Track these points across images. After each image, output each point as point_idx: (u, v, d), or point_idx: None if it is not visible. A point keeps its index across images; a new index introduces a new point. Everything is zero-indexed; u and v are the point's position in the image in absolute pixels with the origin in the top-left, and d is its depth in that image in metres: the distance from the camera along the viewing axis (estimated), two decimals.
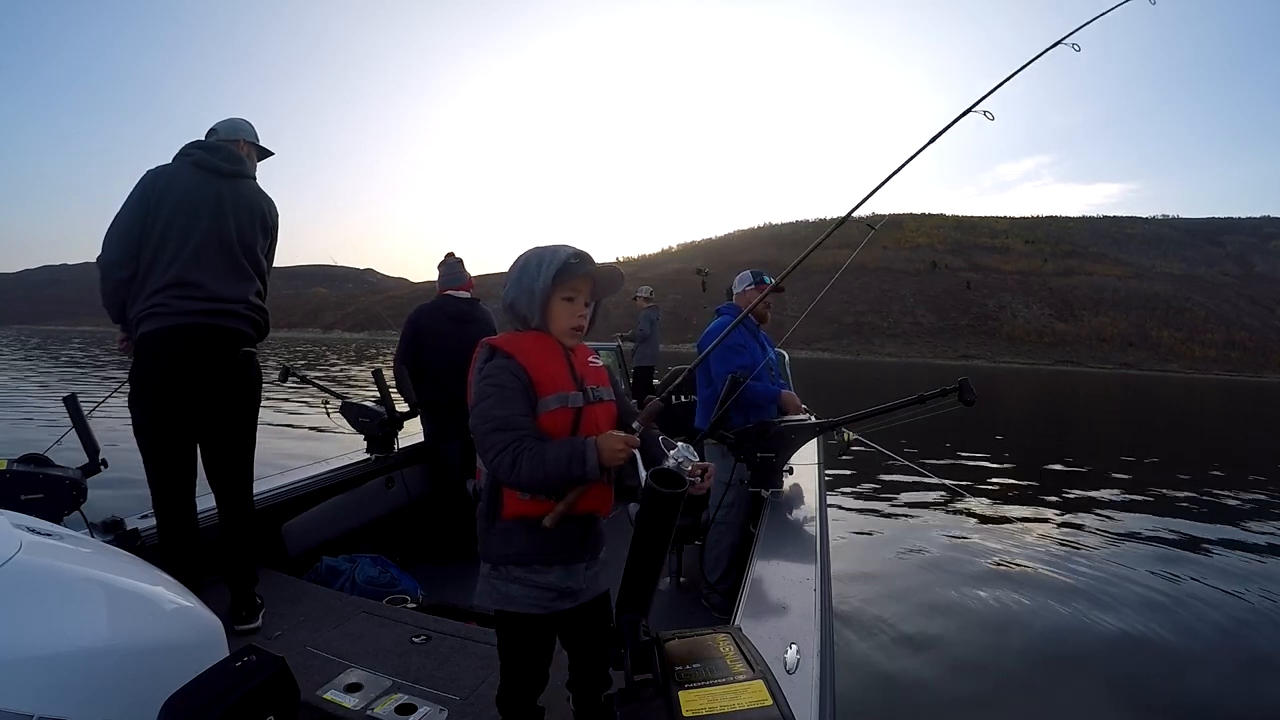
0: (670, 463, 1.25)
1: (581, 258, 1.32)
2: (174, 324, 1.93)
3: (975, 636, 3.45)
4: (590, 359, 1.43)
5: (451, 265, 3.42)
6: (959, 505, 6.55)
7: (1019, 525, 5.87)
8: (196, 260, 1.96)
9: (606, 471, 1.26)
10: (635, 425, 1.32)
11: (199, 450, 2.07)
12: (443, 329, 3.26)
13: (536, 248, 1.35)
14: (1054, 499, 7.00)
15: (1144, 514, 6.47)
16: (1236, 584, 4.44)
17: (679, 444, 1.30)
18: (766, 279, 3.06)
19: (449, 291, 3.36)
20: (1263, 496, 7.68)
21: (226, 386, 2.03)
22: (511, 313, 1.36)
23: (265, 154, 2.35)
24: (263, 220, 2.15)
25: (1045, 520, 6.10)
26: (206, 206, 2.00)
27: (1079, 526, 5.87)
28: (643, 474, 1.27)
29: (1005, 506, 6.55)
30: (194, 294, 1.95)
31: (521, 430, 1.23)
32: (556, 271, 1.29)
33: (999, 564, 4.68)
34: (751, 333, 3.04)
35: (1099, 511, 6.49)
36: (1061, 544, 5.28)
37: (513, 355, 1.28)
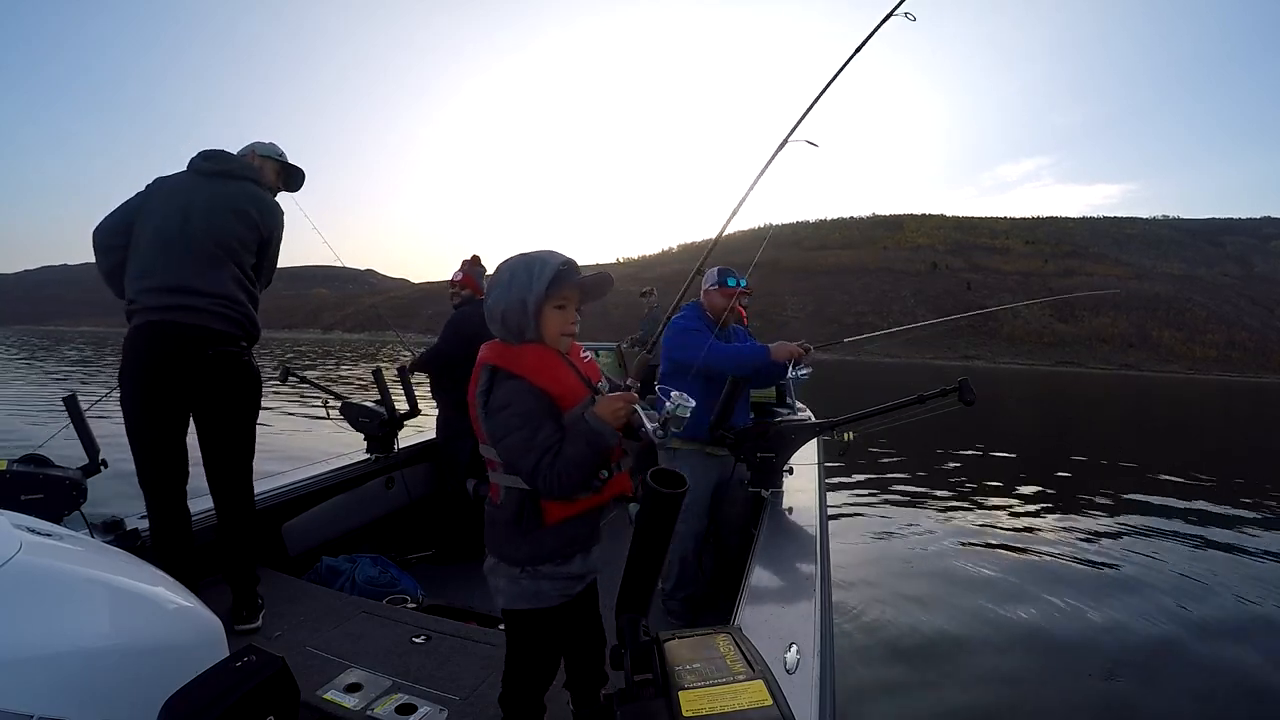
0: (669, 406, 1.29)
1: (570, 265, 1.32)
2: (141, 321, 1.93)
3: (976, 637, 3.45)
4: (583, 354, 1.44)
5: (484, 271, 3.44)
6: (960, 505, 6.54)
7: (1020, 526, 5.87)
8: (159, 254, 1.96)
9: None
10: (629, 381, 1.34)
11: (201, 451, 2.07)
12: (487, 333, 3.27)
13: (521, 255, 1.34)
14: (1056, 500, 7.00)
15: (1145, 516, 6.46)
16: (1241, 589, 4.44)
17: (673, 391, 1.32)
18: (731, 281, 2.76)
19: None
20: (1263, 499, 7.67)
21: (202, 386, 1.98)
22: (503, 325, 1.33)
23: (293, 172, 2.36)
24: (246, 217, 2.08)
25: (1047, 521, 6.10)
26: (177, 203, 2.01)
27: (1082, 527, 5.87)
28: (650, 425, 1.30)
29: (1007, 507, 6.54)
30: (154, 286, 1.93)
31: (557, 449, 1.24)
32: (551, 280, 1.28)
33: (1000, 564, 4.67)
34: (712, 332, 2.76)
35: (1102, 513, 6.49)
36: (1063, 544, 5.28)
37: (524, 376, 1.27)
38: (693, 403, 1.30)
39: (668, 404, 1.29)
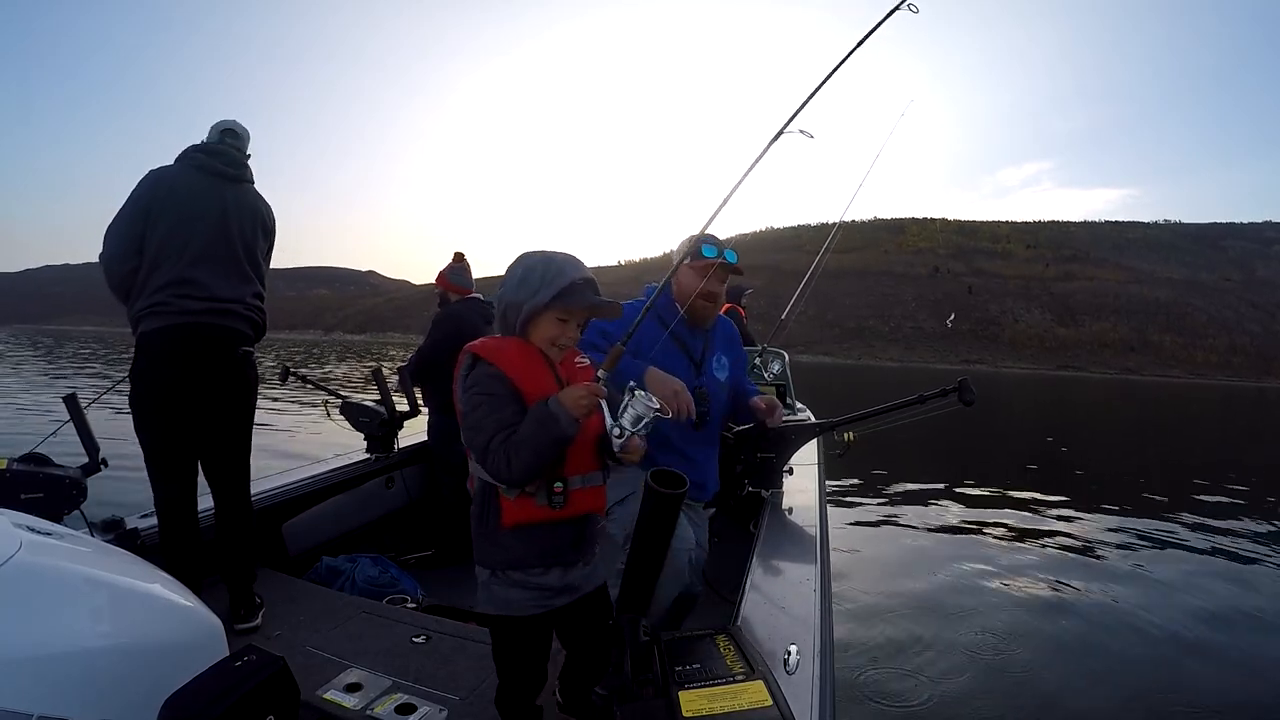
0: (638, 402, 1.23)
1: (588, 283, 1.31)
2: (173, 323, 1.94)
3: (975, 638, 3.44)
4: (578, 360, 1.42)
5: (466, 269, 3.43)
6: (961, 506, 6.53)
7: (1022, 527, 5.85)
8: (199, 262, 1.98)
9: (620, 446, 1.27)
10: (599, 374, 1.33)
11: (200, 450, 2.07)
12: (481, 331, 3.26)
13: (545, 255, 1.33)
14: (1057, 501, 6.98)
15: (1147, 522, 6.44)
16: (1245, 597, 4.44)
17: (638, 390, 1.26)
18: (708, 250, 1.97)
19: (473, 295, 3.37)
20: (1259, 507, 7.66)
21: (225, 385, 2.04)
22: (502, 319, 1.35)
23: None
24: (263, 224, 2.19)
25: (1049, 522, 6.08)
26: (212, 210, 2.02)
27: (1082, 529, 5.86)
28: (609, 421, 1.26)
29: (1008, 508, 6.53)
30: (194, 293, 1.96)
31: (512, 431, 1.23)
32: (558, 293, 1.28)
33: (1001, 564, 4.66)
34: (671, 331, 1.96)
35: (1103, 518, 6.48)
36: (1065, 545, 5.27)
37: (496, 364, 1.28)
38: (654, 403, 1.23)
39: (625, 398, 1.26)
